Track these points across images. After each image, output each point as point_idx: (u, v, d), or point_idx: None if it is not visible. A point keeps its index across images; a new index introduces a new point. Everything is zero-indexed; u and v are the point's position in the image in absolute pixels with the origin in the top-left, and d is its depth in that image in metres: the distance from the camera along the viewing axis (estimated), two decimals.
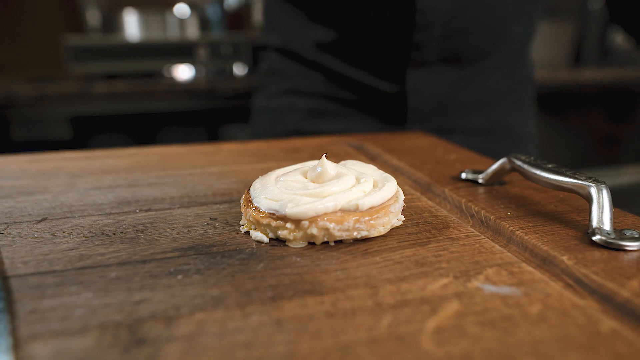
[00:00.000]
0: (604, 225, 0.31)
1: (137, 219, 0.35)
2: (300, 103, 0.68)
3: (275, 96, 0.71)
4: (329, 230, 0.30)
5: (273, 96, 0.71)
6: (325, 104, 0.67)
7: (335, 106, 0.67)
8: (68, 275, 0.27)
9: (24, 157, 0.51)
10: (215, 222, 0.34)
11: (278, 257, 0.29)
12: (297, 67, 0.68)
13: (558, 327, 0.22)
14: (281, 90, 0.70)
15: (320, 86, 0.67)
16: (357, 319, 0.23)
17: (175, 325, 0.22)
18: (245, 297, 0.25)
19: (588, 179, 0.33)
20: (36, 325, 0.22)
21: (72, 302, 0.24)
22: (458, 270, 0.28)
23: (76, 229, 0.33)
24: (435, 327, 0.22)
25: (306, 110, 0.68)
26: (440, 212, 0.37)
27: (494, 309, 0.24)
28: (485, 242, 0.31)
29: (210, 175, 0.45)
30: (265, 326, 0.22)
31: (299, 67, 0.68)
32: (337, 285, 0.26)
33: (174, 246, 0.30)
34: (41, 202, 0.38)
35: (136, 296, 0.25)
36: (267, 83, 0.73)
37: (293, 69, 0.69)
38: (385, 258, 0.29)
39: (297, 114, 0.69)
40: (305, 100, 0.68)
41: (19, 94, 1.49)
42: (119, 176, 0.45)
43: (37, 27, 1.73)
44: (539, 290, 0.26)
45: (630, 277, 0.26)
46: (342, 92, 0.67)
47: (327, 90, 0.67)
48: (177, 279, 0.26)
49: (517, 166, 0.39)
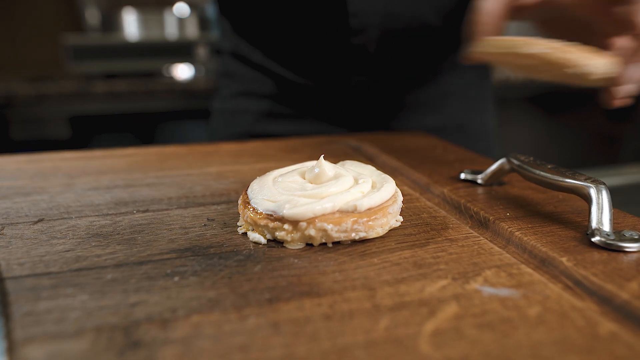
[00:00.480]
0: (603, 226, 0.31)
1: (134, 219, 0.35)
2: (251, 106, 0.69)
3: (228, 98, 0.72)
4: (326, 231, 0.30)
5: (227, 98, 0.73)
6: (275, 107, 0.68)
7: (284, 109, 0.68)
8: (64, 277, 0.27)
9: (22, 157, 0.51)
10: (212, 223, 0.34)
11: (275, 258, 0.29)
12: (248, 70, 0.69)
13: (557, 330, 0.22)
14: (234, 93, 0.71)
15: (270, 89, 0.68)
16: (354, 321, 0.23)
17: (171, 328, 0.22)
18: (242, 299, 0.25)
19: (587, 179, 0.33)
20: (31, 328, 0.22)
21: (67, 305, 0.24)
22: (456, 271, 0.27)
23: (73, 230, 0.33)
24: (433, 329, 0.22)
25: (257, 113, 0.69)
26: (439, 213, 0.36)
27: (492, 311, 0.24)
28: (484, 243, 0.31)
29: (208, 176, 0.45)
30: (262, 329, 0.22)
31: (250, 70, 0.69)
32: (335, 287, 0.26)
33: (171, 247, 0.30)
34: (38, 202, 0.38)
35: (132, 298, 0.25)
36: (222, 85, 0.74)
37: (244, 72, 0.70)
38: (383, 259, 0.29)
39: (248, 116, 0.69)
40: (256, 103, 0.69)
41: (18, 94, 1.48)
42: (117, 176, 0.44)
43: (37, 26, 1.72)
44: (537, 292, 0.25)
45: (630, 279, 0.26)
46: (291, 95, 0.67)
47: (277, 93, 0.68)
48: (173, 281, 0.26)
49: (516, 166, 0.39)
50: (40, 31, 1.72)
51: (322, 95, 0.66)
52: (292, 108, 0.67)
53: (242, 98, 0.70)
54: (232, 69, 0.71)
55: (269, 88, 0.68)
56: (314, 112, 0.67)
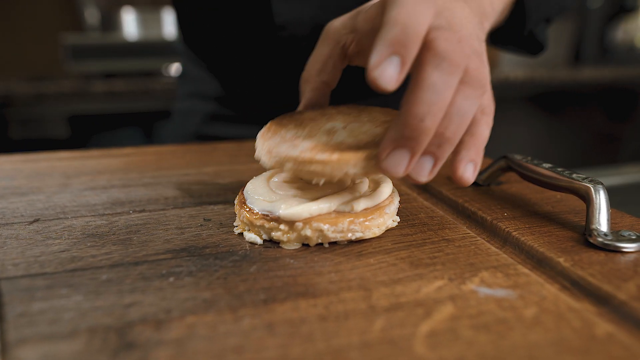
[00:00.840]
0: (600, 226, 0.31)
1: (130, 220, 0.35)
2: (199, 107, 0.69)
3: (182, 99, 0.73)
4: (323, 231, 0.30)
5: (179, 99, 0.73)
6: (221, 109, 0.68)
7: (229, 111, 0.68)
8: (59, 278, 0.26)
9: (19, 157, 0.51)
10: (209, 224, 0.34)
11: (271, 258, 0.29)
12: (198, 71, 0.69)
13: (553, 331, 0.22)
14: (186, 94, 0.72)
15: (216, 91, 0.68)
16: (350, 322, 0.23)
17: (166, 329, 0.22)
18: (237, 300, 0.24)
19: (585, 179, 0.33)
20: (25, 329, 0.22)
21: (61, 305, 0.24)
22: (453, 272, 0.27)
23: (68, 230, 0.33)
24: (429, 330, 0.22)
25: (204, 114, 0.69)
26: (436, 213, 0.36)
27: (488, 312, 0.23)
28: (481, 244, 0.31)
29: (205, 176, 0.45)
30: (256, 330, 0.22)
31: (200, 71, 0.69)
32: (331, 288, 0.26)
33: (166, 248, 0.30)
34: (34, 202, 0.38)
35: (127, 299, 0.24)
36: (179, 85, 0.74)
37: (195, 73, 0.70)
38: (379, 260, 0.29)
39: (196, 117, 0.69)
40: (204, 104, 0.69)
41: (17, 93, 1.48)
42: (114, 176, 0.44)
43: (36, 26, 1.72)
44: (534, 293, 0.25)
45: (627, 280, 0.26)
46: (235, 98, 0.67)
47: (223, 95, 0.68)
48: (168, 282, 0.26)
49: (514, 166, 0.39)
50: (39, 30, 1.72)
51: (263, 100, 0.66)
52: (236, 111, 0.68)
53: (192, 99, 0.70)
54: (186, 69, 0.71)
55: (215, 90, 0.68)
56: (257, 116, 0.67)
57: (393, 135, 0.26)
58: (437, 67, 0.25)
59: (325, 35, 0.35)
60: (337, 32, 0.34)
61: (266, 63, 0.62)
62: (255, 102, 0.67)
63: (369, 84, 0.25)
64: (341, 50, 0.34)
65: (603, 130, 2.44)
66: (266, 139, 0.31)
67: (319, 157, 0.28)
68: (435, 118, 0.25)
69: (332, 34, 0.34)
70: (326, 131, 0.32)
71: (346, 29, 0.33)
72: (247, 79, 0.65)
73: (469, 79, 0.26)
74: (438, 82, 0.25)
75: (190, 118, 0.70)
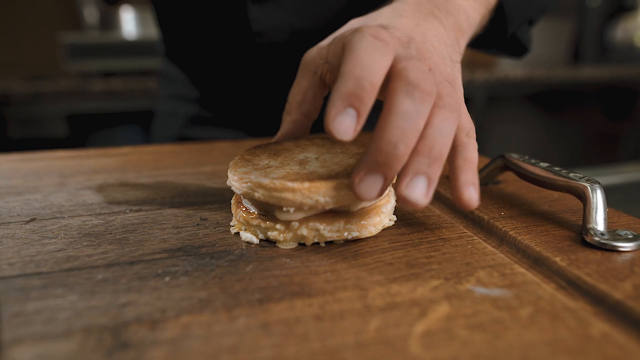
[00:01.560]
0: (597, 225, 0.31)
1: (127, 219, 0.34)
2: (181, 109, 0.69)
3: (162, 100, 0.72)
4: (319, 231, 0.30)
5: (161, 100, 0.73)
6: (202, 112, 0.68)
7: (210, 114, 0.68)
8: (54, 277, 0.26)
9: (15, 156, 0.51)
10: (205, 223, 0.34)
11: (267, 258, 0.29)
12: (180, 73, 0.69)
13: (549, 331, 0.22)
14: (167, 95, 0.71)
15: (197, 93, 0.68)
16: (345, 322, 0.23)
17: (160, 329, 0.22)
18: (232, 300, 0.24)
19: (582, 178, 0.33)
20: (19, 329, 0.22)
21: (57, 305, 0.24)
22: (449, 272, 0.27)
23: (65, 229, 0.33)
24: (424, 330, 0.22)
25: (186, 117, 0.69)
26: (433, 212, 0.36)
27: (484, 311, 0.23)
28: (477, 243, 0.31)
29: (202, 175, 0.45)
30: (251, 329, 0.22)
31: (181, 73, 0.69)
32: (326, 288, 0.26)
33: (162, 247, 0.30)
34: (31, 202, 0.38)
35: (122, 299, 0.24)
36: (161, 86, 0.74)
37: (176, 74, 0.70)
38: (376, 259, 0.29)
39: (178, 119, 0.69)
40: (185, 107, 0.69)
41: (15, 92, 1.48)
42: (111, 176, 0.44)
43: (34, 24, 1.72)
44: (530, 293, 0.25)
45: (623, 279, 0.26)
46: (216, 101, 0.67)
47: (204, 98, 0.67)
48: (164, 281, 0.26)
49: (511, 165, 0.38)
50: (38, 29, 1.72)
51: (244, 103, 0.66)
52: (217, 114, 0.67)
53: (174, 101, 0.70)
54: (167, 71, 0.71)
55: (196, 92, 0.68)
56: (236, 120, 0.67)
57: (366, 161, 0.26)
58: (408, 95, 0.25)
59: (304, 66, 0.35)
60: (313, 62, 0.34)
61: (245, 68, 0.62)
62: (235, 105, 0.67)
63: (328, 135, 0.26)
64: (319, 79, 0.34)
65: (602, 129, 2.44)
66: (238, 167, 0.32)
67: (290, 185, 0.28)
68: (408, 145, 0.25)
69: (309, 64, 0.34)
70: (299, 161, 0.33)
71: (322, 58, 0.33)
72: (226, 83, 0.65)
73: (443, 103, 0.27)
74: (410, 110, 0.25)
75: (172, 120, 0.70)
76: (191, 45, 0.64)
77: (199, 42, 0.63)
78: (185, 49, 0.66)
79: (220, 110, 0.68)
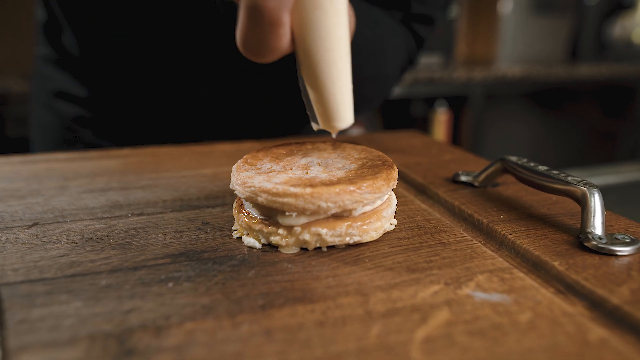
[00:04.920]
0: (595, 229, 0.31)
1: (129, 223, 0.35)
2: (64, 110, 0.68)
3: (38, 100, 0.70)
4: (321, 236, 0.30)
5: (37, 100, 0.70)
6: (87, 113, 0.67)
7: (98, 115, 0.67)
8: (58, 283, 0.27)
9: (16, 158, 0.51)
10: (207, 227, 0.34)
11: (270, 263, 0.29)
12: (55, 69, 0.67)
13: (547, 336, 0.22)
14: (45, 94, 0.69)
15: (81, 91, 0.66)
16: (347, 328, 0.23)
17: (165, 336, 0.22)
18: (235, 306, 0.25)
19: (580, 182, 0.33)
20: (25, 336, 0.22)
21: (61, 312, 0.24)
22: (449, 276, 0.28)
23: (67, 234, 0.33)
24: (425, 336, 0.22)
25: (69, 119, 0.67)
26: (433, 216, 0.37)
27: (484, 317, 0.24)
28: (477, 247, 0.31)
29: (203, 177, 0.45)
30: (255, 336, 0.22)
31: (60, 71, 0.67)
32: (328, 293, 0.26)
33: (165, 252, 0.30)
34: (33, 206, 0.38)
35: (126, 305, 0.25)
36: (34, 85, 0.72)
37: (51, 71, 0.68)
38: (376, 264, 0.29)
39: (60, 122, 0.68)
40: (68, 107, 0.67)
41: (14, 91, 1.48)
42: (112, 178, 0.44)
43: (32, 23, 1.71)
44: (529, 298, 0.26)
45: (621, 284, 0.26)
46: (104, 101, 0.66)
47: (88, 97, 0.66)
48: (167, 287, 0.26)
49: (510, 168, 0.39)
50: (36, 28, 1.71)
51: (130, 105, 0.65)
52: (105, 115, 0.66)
53: (54, 100, 0.68)
54: (43, 69, 0.68)
55: (79, 90, 0.65)
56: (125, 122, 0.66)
57: None
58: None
59: None
60: None
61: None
62: (121, 106, 0.65)
63: None
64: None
65: (600, 127, 2.45)
66: (241, 171, 0.32)
67: (293, 190, 0.29)
68: None
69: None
70: (301, 165, 0.33)
71: None
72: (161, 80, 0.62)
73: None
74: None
75: (53, 123, 0.68)
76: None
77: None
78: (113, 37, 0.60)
79: (108, 111, 0.65)
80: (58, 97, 0.67)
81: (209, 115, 0.65)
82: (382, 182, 0.31)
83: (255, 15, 0.25)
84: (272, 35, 0.26)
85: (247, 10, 0.26)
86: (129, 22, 0.58)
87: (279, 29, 0.26)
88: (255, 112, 0.67)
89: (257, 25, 0.26)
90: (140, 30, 0.58)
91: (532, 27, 2.22)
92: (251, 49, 0.27)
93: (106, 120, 0.66)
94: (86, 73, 0.65)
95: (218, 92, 0.63)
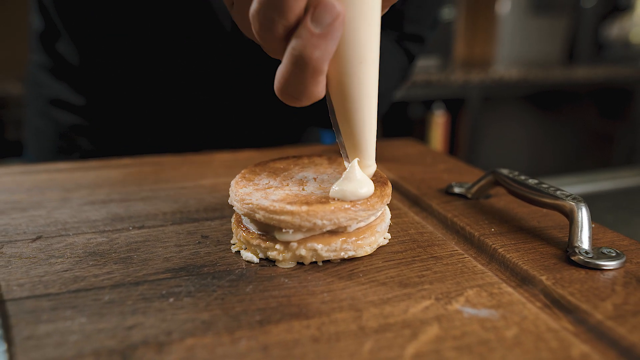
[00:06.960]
0: (582, 244, 0.32)
1: (130, 237, 0.36)
2: (60, 118, 0.68)
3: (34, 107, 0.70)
4: (317, 251, 0.31)
5: (33, 107, 0.71)
6: (84, 121, 0.67)
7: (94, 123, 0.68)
8: (63, 299, 0.28)
9: (17, 168, 0.52)
10: (206, 241, 0.35)
11: (267, 278, 0.30)
12: (49, 77, 0.68)
13: (532, 352, 0.23)
14: (41, 101, 0.70)
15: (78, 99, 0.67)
16: (341, 344, 0.24)
17: (167, 352, 0.23)
18: (234, 321, 0.26)
19: (568, 197, 0.34)
20: (32, 353, 0.23)
21: (66, 328, 0.25)
22: (440, 291, 0.29)
23: (70, 248, 0.34)
24: (415, 352, 0.23)
25: (65, 127, 0.68)
26: (426, 229, 0.38)
27: (472, 332, 0.25)
28: (468, 261, 0.32)
29: (202, 189, 0.46)
30: (252, 352, 0.23)
31: (56, 80, 0.68)
32: (323, 308, 0.27)
33: (166, 267, 0.31)
34: (36, 218, 0.39)
35: (129, 321, 0.26)
36: (29, 91, 0.72)
37: (46, 78, 0.68)
38: (370, 279, 0.30)
39: (55, 130, 0.69)
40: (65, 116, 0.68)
41: (12, 94, 1.48)
42: (113, 189, 0.45)
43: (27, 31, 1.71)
44: (516, 313, 0.27)
45: (604, 299, 0.27)
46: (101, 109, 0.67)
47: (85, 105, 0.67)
48: (168, 302, 0.27)
49: (501, 181, 0.40)
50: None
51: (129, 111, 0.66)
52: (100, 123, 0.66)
53: (50, 108, 0.68)
54: (39, 74, 0.69)
55: (76, 98, 0.66)
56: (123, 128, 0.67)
57: None
58: None
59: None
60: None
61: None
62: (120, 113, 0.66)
63: None
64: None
65: (597, 128, 2.46)
66: (240, 187, 0.33)
67: (289, 208, 0.30)
68: None
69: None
70: (297, 181, 0.34)
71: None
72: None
73: None
74: None
75: (48, 130, 0.68)
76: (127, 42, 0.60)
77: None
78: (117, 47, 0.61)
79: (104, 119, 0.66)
80: (53, 104, 0.68)
81: (207, 123, 0.66)
82: (376, 199, 0.32)
83: (300, 63, 0.26)
84: (312, 82, 0.27)
85: (292, 59, 0.26)
86: (128, 31, 0.59)
87: (319, 77, 0.27)
88: (253, 120, 0.68)
89: (301, 73, 0.27)
90: (139, 38, 0.59)
91: (530, 29, 2.24)
92: (289, 93, 0.28)
93: (103, 128, 0.67)
94: (83, 81, 0.66)
95: (216, 100, 0.64)
